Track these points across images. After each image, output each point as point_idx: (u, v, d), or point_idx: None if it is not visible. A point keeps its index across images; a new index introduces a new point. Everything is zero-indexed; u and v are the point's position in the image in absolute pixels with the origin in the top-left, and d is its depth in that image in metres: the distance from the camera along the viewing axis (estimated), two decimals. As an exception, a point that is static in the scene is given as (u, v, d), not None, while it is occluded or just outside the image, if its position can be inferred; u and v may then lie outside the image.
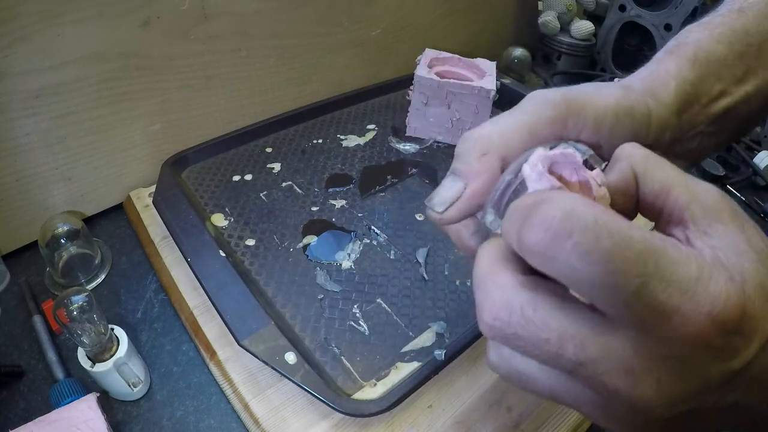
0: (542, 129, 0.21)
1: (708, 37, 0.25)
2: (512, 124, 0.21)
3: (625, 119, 0.22)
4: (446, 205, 0.22)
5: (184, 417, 0.37)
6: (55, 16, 0.40)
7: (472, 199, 0.22)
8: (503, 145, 0.21)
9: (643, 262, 0.14)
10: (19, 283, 0.45)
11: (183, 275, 0.44)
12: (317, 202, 0.52)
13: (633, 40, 0.84)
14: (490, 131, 0.21)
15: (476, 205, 0.22)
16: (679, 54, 0.25)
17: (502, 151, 0.21)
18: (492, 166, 0.21)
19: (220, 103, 0.56)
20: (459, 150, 0.22)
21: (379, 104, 0.68)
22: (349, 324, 0.41)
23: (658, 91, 0.23)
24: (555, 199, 0.15)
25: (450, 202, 0.22)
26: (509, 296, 0.16)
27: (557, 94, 0.21)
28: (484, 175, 0.21)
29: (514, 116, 0.22)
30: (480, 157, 0.21)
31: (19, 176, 0.45)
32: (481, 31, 0.84)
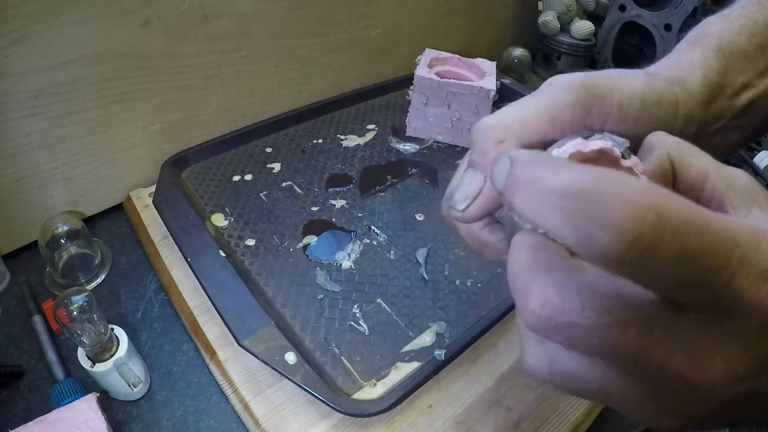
0: (562, 114, 0.19)
1: (729, 29, 0.24)
2: (530, 109, 0.20)
3: (652, 108, 0.21)
4: (468, 202, 0.20)
5: (184, 417, 0.37)
6: (55, 16, 0.40)
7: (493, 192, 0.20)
8: (522, 132, 0.19)
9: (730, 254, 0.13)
10: (19, 283, 0.45)
11: (183, 275, 0.44)
12: (317, 202, 0.52)
13: (633, 40, 0.84)
14: (506, 117, 0.20)
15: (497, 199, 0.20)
16: (703, 44, 0.24)
17: (520, 137, 0.19)
18: None
19: (220, 103, 0.56)
20: (475, 139, 0.20)
21: (379, 104, 0.68)
22: (349, 324, 0.41)
23: (685, 80, 0.22)
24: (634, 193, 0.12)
25: (472, 197, 0.20)
26: (561, 280, 0.15)
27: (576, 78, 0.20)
28: None
29: (532, 101, 0.20)
30: (498, 145, 0.19)
31: (19, 176, 0.45)
32: (481, 31, 0.84)
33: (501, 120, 0.20)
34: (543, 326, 0.15)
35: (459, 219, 0.21)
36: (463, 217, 0.21)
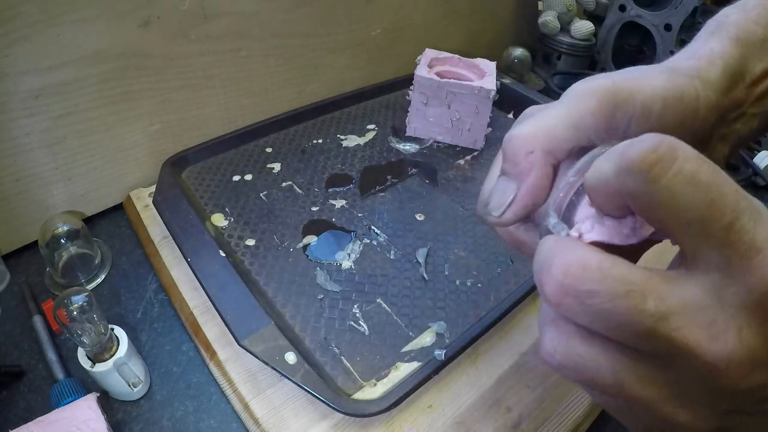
0: (587, 121, 0.20)
1: (746, 19, 0.25)
2: (555, 119, 0.21)
3: (674, 104, 0.21)
4: (503, 209, 0.22)
5: (184, 417, 0.37)
6: (55, 16, 0.40)
7: (526, 198, 0.22)
8: (548, 142, 0.21)
9: (737, 199, 0.14)
10: (19, 283, 0.45)
11: (183, 275, 0.44)
12: (317, 202, 0.52)
13: (633, 40, 0.84)
14: (534, 129, 0.21)
15: (530, 204, 0.22)
16: (722, 34, 0.24)
17: (547, 147, 0.21)
18: (540, 163, 0.21)
19: (220, 103, 0.56)
20: (505, 150, 0.22)
21: (379, 104, 0.68)
22: (349, 324, 0.41)
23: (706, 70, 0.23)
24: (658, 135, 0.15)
25: (507, 205, 0.22)
26: (584, 253, 0.16)
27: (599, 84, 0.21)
28: (533, 173, 0.21)
29: (556, 110, 0.21)
30: (527, 156, 0.21)
31: (19, 176, 0.45)
32: (481, 31, 0.84)
33: (529, 132, 0.21)
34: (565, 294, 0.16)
35: (495, 224, 0.23)
36: (499, 222, 0.23)
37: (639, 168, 0.14)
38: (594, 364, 0.16)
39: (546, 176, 0.21)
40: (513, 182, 0.22)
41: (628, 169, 0.15)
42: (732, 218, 0.14)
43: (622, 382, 0.16)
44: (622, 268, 0.15)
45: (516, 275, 0.46)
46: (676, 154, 0.14)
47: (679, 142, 0.15)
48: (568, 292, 0.16)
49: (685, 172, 0.14)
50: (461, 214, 0.52)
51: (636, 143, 0.15)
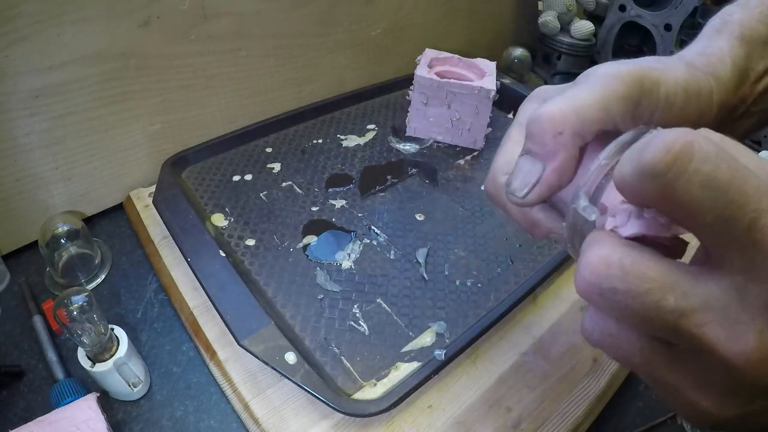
0: (616, 105, 0.20)
1: (749, 17, 0.25)
2: (585, 101, 0.20)
3: (693, 98, 0.21)
4: (527, 190, 0.21)
5: (184, 417, 0.37)
6: (55, 16, 0.40)
7: (553, 179, 0.21)
8: (578, 123, 0.20)
9: (758, 198, 0.14)
10: (19, 283, 0.45)
11: (183, 275, 0.44)
12: (317, 202, 0.52)
13: (633, 40, 0.84)
14: (562, 109, 0.20)
15: (556, 186, 0.21)
16: (728, 32, 0.25)
17: (577, 129, 0.20)
18: (568, 145, 0.20)
19: (220, 103, 0.56)
20: (531, 130, 0.21)
21: (379, 104, 0.68)
22: (349, 324, 0.41)
23: (717, 68, 0.23)
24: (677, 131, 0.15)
25: (531, 186, 0.21)
26: (608, 251, 0.16)
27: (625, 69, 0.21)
28: (561, 155, 0.21)
29: (585, 92, 0.20)
30: (556, 136, 0.20)
31: (19, 176, 0.45)
32: (481, 31, 0.84)
33: (559, 111, 0.20)
34: (592, 292, 0.16)
35: (518, 204, 0.22)
36: (522, 203, 0.22)
37: (654, 171, 0.14)
38: (626, 345, 0.17)
39: (573, 158, 0.21)
40: (539, 163, 0.21)
41: (643, 172, 0.15)
42: (753, 218, 0.14)
43: (649, 364, 0.17)
44: (644, 264, 0.15)
45: (516, 275, 0.46)
46: (692, 154, 0.14)
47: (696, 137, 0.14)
48: (593, 289, 0.16)
49: (702, 173, 0.14)
50: (461, 214, 0.52)
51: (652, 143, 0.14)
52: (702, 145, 0.14)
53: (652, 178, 0.14)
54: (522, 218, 0.25)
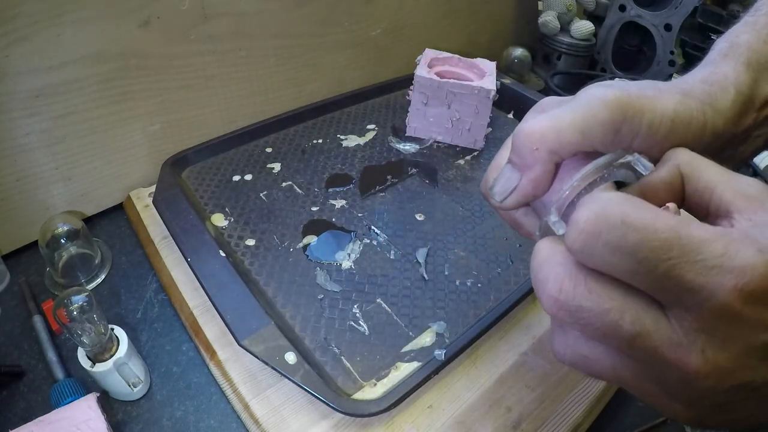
0: (595, 130, 0.21)
1: (757, 39, 0.25)
2: (565, 122, 0.21)
3: (680, 127, 0.22)
4: (505, 195, 0.24)
5: (184, 417, 0.37)
6: (55, 16, 0.40)
7: (527, 189, 0.23)
8: (554, 142, 0.22)
9: (669, 247, 0.16)
10: (19, 283, 0.45)
11: (183, 275, 0.44)
12: (317, 202, 0.52)
13: (633, 40, 0.84)
14: (542, 127, 0.22)
15: (530, 195, 0.24)
16: (734, 57, 0.25)
17: (552, 147, 0.22)
18: (543, 160, 0.22)
19: (220, 103, 0.56)
20: (514, 142, 0.23)
21: (379, 104, 0.68)
22: (349, 324, 0.41)
23: (718, 97, 0.23)
24: (587, 204, 0.17)
25: (508, 192, 0.24)
26: (573, 271, 0.18)
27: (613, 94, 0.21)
28: (536, 169, 0.23)
29: (567, 113, 0.22)
30: (532, 151, 0.22)
31: (19, 176, 0.45)
32: (481, 31, 0.84)
33: (538, 129, 0.22)
34: (560, 309, 0.18)
35: (497, 207, 0.25)
36: (500, 207, 0.25)
37: (575, 248, 0.17)
38: (597, 363, 0.19)
39: (548, 172, 0.23)
40: (517, 172, 0.23)
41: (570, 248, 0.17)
42: (668, 267, 0.16)
43: (620, 378, 0.19)
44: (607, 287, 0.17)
45: (516, 275, 0.46)
46: (599, 229, 0.16)
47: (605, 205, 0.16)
48: (561, 307, 0.18)
49: (610, 243, 0.16)
50: (461, 214, 0.52)
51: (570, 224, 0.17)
52: (609, 216, 0.16)
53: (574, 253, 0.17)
54: (508, 218, 0.28)
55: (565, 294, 0.18)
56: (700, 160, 0.20)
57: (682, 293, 0.16)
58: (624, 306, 0.17)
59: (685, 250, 0.16)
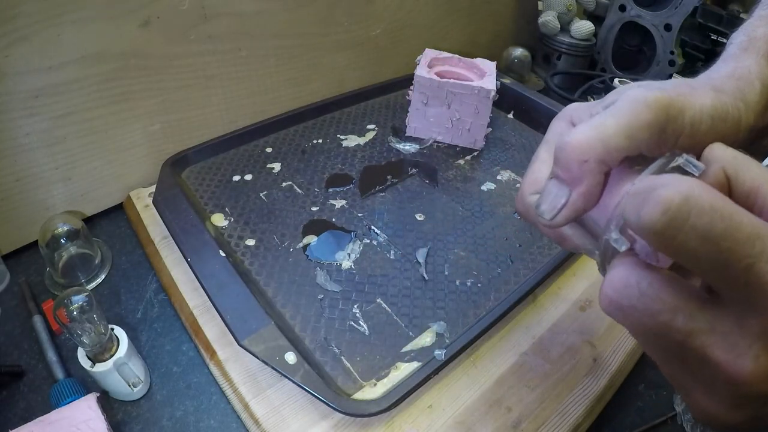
0: (641, 134, 0.21)
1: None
2: (611, 129, 0.21)
3: (719, 124, 0.22)
4: (555, 213, 0.23)
5: (184, 417, 0.37)
6: (55, 16, 0.40)
7: (578, 204, 0.22)
8: (603, 152, 0.21)
9: (752, 244, 0.15)
10: (19, 283, 0.45)
11: (183, 275, 0.44)
12: (317, 202, 0.52)
13: (633, 40, 0.84)
14: (589, 137, 0.21)
15: (581, 209, 0.23)
16: (754, 50, 0.25)
17: (602, 157, 0.21)
18: (593, 172, 0.22)
19: (220, 103, 0.56)
20: (558, 157, 0.22)
21: (379, 104, 0.68)
22: (349, 324, 0.41)
23: (747, 92, 0.23)
24: (674, 184, 0.16)
25: (558, 209, 0.23)
26: (628, 273, 0.18)
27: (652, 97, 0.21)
28: (586, 182, 0.22)
29: (610, 119, 0.21)
30: (581, 164, 0.21)
31: (19, 176, 0.45)
32: (481, 31, 0.84)
33: (585, 140, 0.21)
34: (614, 309, 0.18)
35: (548, 226, 0.24)
36: (550, 225, 0.24)
37: (653, 229, 0.16)
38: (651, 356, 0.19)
39: (598, 184, 0.22)
40: (565, 187, 0.22)
41: (642, 228, 0.16)
42: (748, 263, 0.15)
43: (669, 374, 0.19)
44: (659, 286, 0.17)
45: (516, 275, 0.46)
46: (688, 212, 0.15)
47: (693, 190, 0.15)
48: (615, 307, 0.18)
49: (698, 229, 0.15)
50: (461, 214, 0.52)
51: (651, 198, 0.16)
52: (698, 199, 0.15)
53: (652, 235, 0.16)
54: (552, 234, 0.26)
55: (618, 295, 0.18)
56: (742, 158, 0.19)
57: (757, 293, 0.15)
58: (677, 305, 0.17)
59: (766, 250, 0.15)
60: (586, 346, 0.42)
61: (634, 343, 0.43)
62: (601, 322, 0.44)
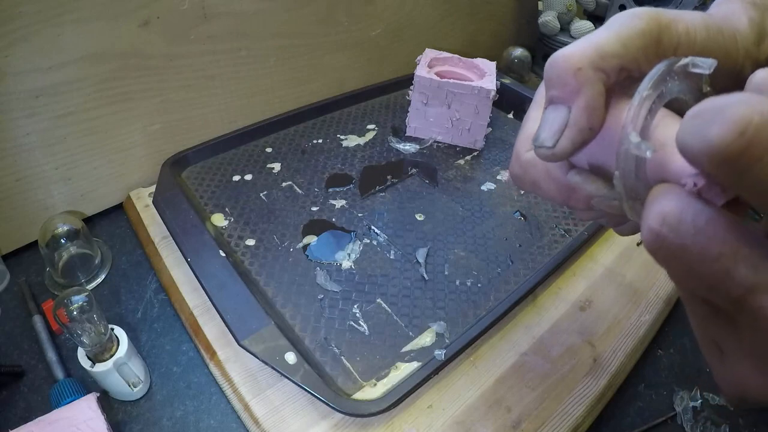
0: (635, 40, 0.19)
1: None
2: (603, 37, 0.19)
3: (716, 36, 0.20)
4: (557, 137, 0.19)
5: (184, 417, 0.37)
6: (55, 16, 0.40)
7: (582, 120, 0.19)
8: (597, 58, 0.19)
9: None
10: (19, 283, 0.45)
11: (183, 275, 0.44)
12: (317, 202, 0.52)
13: (633, 40, 0.84)
14: (580, 46, 0.19)
15: (587, 128, 0.19)
16: None
17: (597, 62, 0.19)
18: (591, 79, 0.19)
19: (220, 103, 0.56)
20: (549, 74, 0.19)
21: (379, 104, 0.68)
22: (349, 324, 0.41)
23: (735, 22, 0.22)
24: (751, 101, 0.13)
25: (560, 132, 0.19)
26: (682, 205, 0.14)
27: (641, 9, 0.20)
28: (586, 92, 0.19)
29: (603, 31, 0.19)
30: (576, 73, 0.19)
31: (19, 176, 0.45)
32: (481, 31, 0.84)
33: (576, 49, 0.19)
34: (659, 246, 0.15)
35: (550, 157, 0.20)
36: (554, 154, 0.20)
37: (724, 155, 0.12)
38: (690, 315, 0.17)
39: (600, 94, 0.19)
40: (563, 107, 0.19)
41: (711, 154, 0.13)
42: None
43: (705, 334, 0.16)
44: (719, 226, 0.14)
45: (516, 275, 0.46)
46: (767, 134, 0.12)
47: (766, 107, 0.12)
48: (661, 244, 0.15)
49: None
50: (461, 214, 0.52)
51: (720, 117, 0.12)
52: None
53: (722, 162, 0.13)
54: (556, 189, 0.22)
55: (668, 228, 0.14)
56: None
57: None
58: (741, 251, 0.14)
59: None
60: (586, 346, 0.42)
61: (634, 343, 0.43)
62: (601, 322, 0.44)
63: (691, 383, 0.42)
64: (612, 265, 0.49)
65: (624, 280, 0.48)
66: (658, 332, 0.46)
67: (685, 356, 0.45)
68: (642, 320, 0.45)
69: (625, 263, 0.49)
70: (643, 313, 0.45)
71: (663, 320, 0.46)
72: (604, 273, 0.48)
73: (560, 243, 0.49)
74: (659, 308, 0.46)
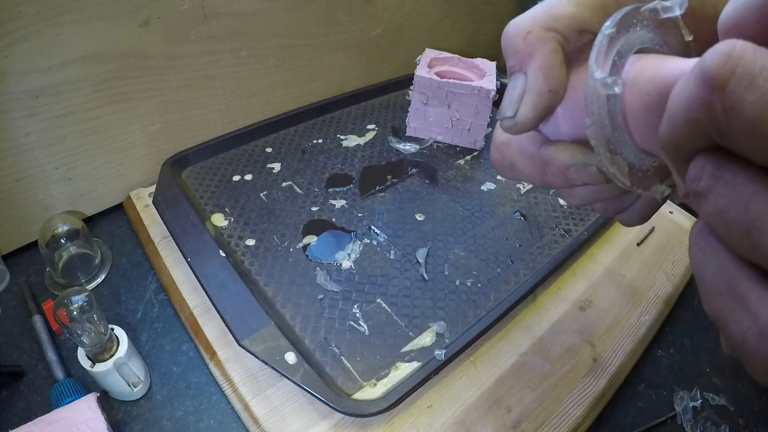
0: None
1: None
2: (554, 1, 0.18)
3: None
4: (516, 105, 0.18)
5: (184, 417, 0.37)
6: (55, 16, 0.40)
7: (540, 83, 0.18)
8: (549, 19, 0.18)
9: None
10: (19, 283, 0.45)
11: (183, 275, 0.44)
12: (317, 202, 0.52)
13: (633, 40, 0.84)
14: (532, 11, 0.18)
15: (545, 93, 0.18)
16: None
17: (548, 23, 0.18)
18: (543, 39, 0.18)
19: (220, 103, 0.56)
20: (504, 47, 0.19)
21: (379, 104, 0.68)
22: (349, 324, 0.41)
23: None
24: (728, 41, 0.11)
25: (519, 99, 0.18)
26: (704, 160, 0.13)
27: None
28: (538, 55, 0.18)
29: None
30: (526, 36, 0.18)
31: (19, 176, 0.45)
32: (481, 31, 0.84)
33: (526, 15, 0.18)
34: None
35: (513, 128, 0.19)
36: (516, 123, 0.19)
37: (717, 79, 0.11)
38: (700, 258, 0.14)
39: (553, 52, 0.18)
40: (520, 74, 0.18)
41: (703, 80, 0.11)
42: None
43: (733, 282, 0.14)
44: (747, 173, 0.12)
45: (516, 275, 0.46)
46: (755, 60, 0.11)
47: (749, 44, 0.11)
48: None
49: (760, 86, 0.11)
50: (461, 214, 0.52)
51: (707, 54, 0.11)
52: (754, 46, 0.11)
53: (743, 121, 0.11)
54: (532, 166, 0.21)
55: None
56: None
57: None
58: None
59: None
60: (586, 346, 0.42)
61: (634, 343, 0.43)
62: (601, 322, 0.44)
63: (691, 383, 0.42)
64: (612, 265, 0.49)
65: (624, 280, 0.48)
66: (658, 332, 0.46)
67: (685, 356, 0.45)
68: (642, 320, 0.45)
69: (625, 263, 0.49)
70: (643, 313, 0.45)
71: (663, 320, 0.46)
72: (604, 273, 0.48)
73: (560, 243, 0.49)
74: (659, 308, 0.46)
